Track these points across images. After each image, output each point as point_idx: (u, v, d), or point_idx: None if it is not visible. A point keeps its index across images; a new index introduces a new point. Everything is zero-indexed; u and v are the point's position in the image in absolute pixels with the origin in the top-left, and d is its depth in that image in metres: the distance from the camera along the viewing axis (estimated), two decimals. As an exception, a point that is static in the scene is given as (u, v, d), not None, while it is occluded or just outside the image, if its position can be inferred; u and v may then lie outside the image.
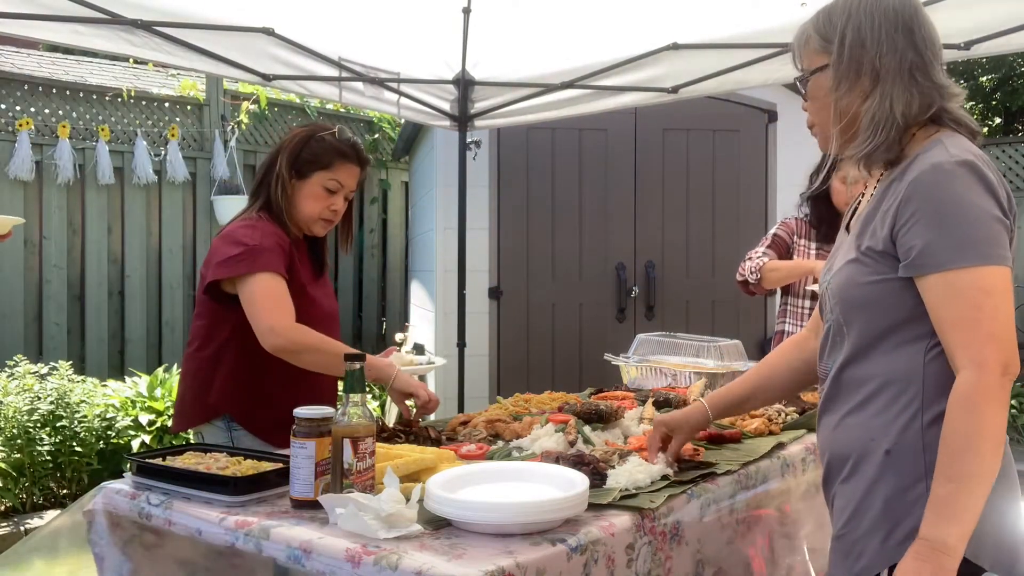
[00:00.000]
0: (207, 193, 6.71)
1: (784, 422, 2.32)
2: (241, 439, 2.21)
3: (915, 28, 1.47)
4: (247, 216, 2.29)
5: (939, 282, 1.36)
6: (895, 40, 1.46)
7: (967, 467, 1.29)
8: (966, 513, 1.29)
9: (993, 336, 1.32)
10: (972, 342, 1.33)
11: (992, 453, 1.30)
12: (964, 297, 1.34)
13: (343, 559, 1.34)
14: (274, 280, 2.15)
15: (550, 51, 3.92)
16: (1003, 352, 1.32)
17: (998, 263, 1.35)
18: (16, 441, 4.52)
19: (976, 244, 1.35)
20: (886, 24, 1.46)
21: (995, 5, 2.98)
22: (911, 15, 1.48)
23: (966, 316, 1.34)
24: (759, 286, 3.29)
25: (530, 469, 1.67)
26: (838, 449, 1.51)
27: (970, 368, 1.32)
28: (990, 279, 1.34)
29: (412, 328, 7.00)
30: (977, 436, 1.29)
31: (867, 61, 1.46)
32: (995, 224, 1.36)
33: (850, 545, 1.46)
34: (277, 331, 2.09)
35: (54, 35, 2.92)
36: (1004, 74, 9.77)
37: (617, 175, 5.61)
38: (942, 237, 1.36)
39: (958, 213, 1.36)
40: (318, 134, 2.31)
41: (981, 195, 1.37)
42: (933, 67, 1.47)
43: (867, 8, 1.48)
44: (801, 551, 2.17)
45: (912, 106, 1.45)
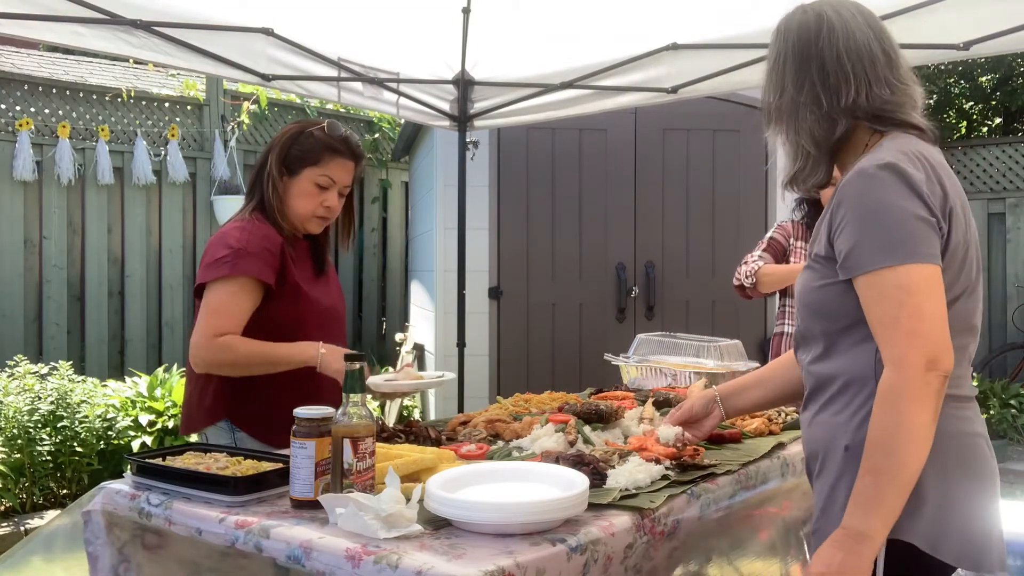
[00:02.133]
0: (207, 193, 6.72)
1: (784, 422, 2.32)
2: (243, 441, 2.21)
3: (812, 58, 1.53)
4: (240, 217, 2.28)
5: (865, 283, 1.41)
6: (789, 80, 1.55)
7: (885, 461, 1.34)
8: (883, 504, 1.33)
9: (914, 333, 1.35)
10: (893, 340, 1.37)
11: (913, 448, 1.33)
12: (886, 296, 1.38)
13: (343, 559, 1.34)
14: (234, 289, 2.13)
15: (550, 51, 3.92)
16: (925, 349, 1.34)
17: (921, 261, 1.38)
18: (16, 441, 4.52)
19: (897, 245, 1.39)
20: (786, 65, 1.56)
21: (995, 5, 2.98)
22: (808, 46, 1.54)
23: (888, 314, 1.38)
24: (755, 290, 3.30)
25: (530, 469, 1.67)
26: (810, 446, 1.58)
27: (891, 365, 1.36)
28: (911, 277, 1.37)
29: (412, 328, 7.00)
30: (895, 432, 1.33)
31: (766, 106, 1.61)
32: (917, 223, 1.40)
33: (822, 539, 1.49)
34: (196, 350, 2.12)
35: (54, 36, 2.92)
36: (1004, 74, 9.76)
37: (617, 175, 5.61)
38: (865, 240, 1.41)
39: (879, 216, 1.41)
40: (307, 130, 2.29)
41: (903, 196, 1.40)
42: (840, 89, 1.51)
43: (773, 53, 1.60)
44: (800, 551, 2.17)
45: (815, 134, 1.54)
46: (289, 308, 2.21)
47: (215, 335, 2.10)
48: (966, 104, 10.56)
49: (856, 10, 1.55)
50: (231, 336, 2.11)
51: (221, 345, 2.10)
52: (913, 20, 3.06)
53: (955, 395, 1.45)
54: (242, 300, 2.14)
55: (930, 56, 3.36)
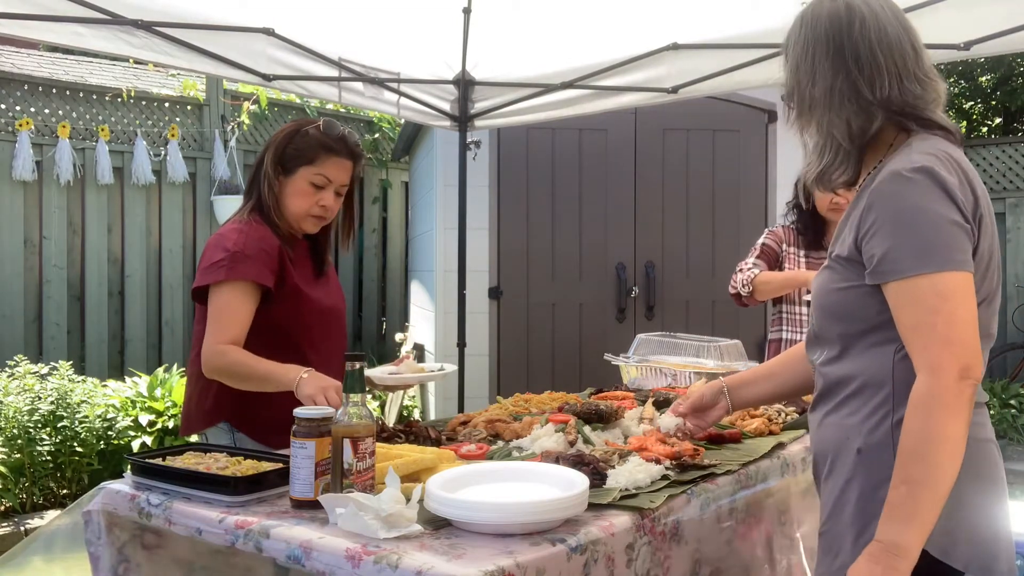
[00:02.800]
0: (207, 193, 6.72)
1: (784, 422, 2.32)
2: (243, 442, 2.20)
3: (845, 48, 1.50)
4: (239, 218, 2.27)
5: (899, 289, 1.39)
6: (823, 68, 1.51)
7: (920, 471, 1.31)
8: (919, 516, 1.30)
9: (949, 341, 1.33)
10: (928, 347, 1.35)
11: (948, 457, 1.31)
12: (922, 303, 1.36)
13: (343, 559, 1.34)
14: (237, 293, 2.12)
15: (550, 51, 3.92)
16: (959, 357, 1.32)
17: (956, 268, 1.36)
18: (16, 441, 4.52)
19: (933, 251, 1.36)
20: (817, 53, 1.52)
21: (995, 5, 2.98)
22: (841, 35, 1.51)
23: (923, 321, 1.36)
24: (752, 298, 3.25)
25: (530, 469, 1.67)
26: (820, 447, 1.57)
27: (925, 373, 1.34)
28: (947, 284, 1.35)
29: (412, 328, 7.00)
30: (930, 441, 1.31)
31: (798, 94, 1.55)
32: (953, 229, 1.38)
33: (830, 541, 1.50)
34: (204, 357, 2.10)
35: (55, 36, 2.92)
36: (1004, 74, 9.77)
37: (617, 175, 5.61)
38: (900, 245, 1.38)
39: (915, 220, 1.38)
40: (303, 128, 2.27)
41: (938, 201, 1.38)
42: (874, 82, 1.48)
43: (802, 40, 1.55)
44: (800, 551, 2.17)
45: (852, 126, 1.50)
46: (289, 310, 2.20)
47: (218, 343, 2.10)
48: (966, 104, 10.56)
49: (885, 3, 1.53)
50: (232, 347, 2.10)
51: (219, 352, 2.09)
52: (913, 20, 3.00)
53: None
54: (244, 305, 2.13)
55: (930, 56, 3.36)
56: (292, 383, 2.01)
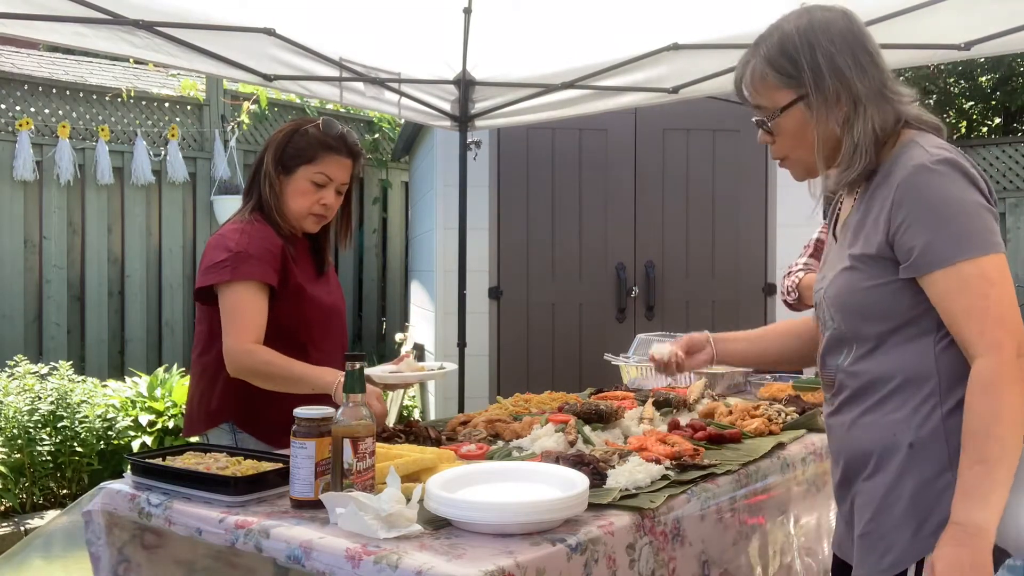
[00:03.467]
0: (207, 193, 6.72)
1: (784, 422, 2.32)
2: (245, 442, 2.20)
3: (869, 45, 1.52)
4: (240, 217, 2.27)
5: (945, 277, 1.40)
6: (862, 62, 1.50)
7: (991, 449, 1.33)
8: (993, 495, 1.32)
9: (1003, 320, 1.37)
10: (985, 329, 1.37)
11: (1013, 433, 1.33)
12: (971, 288, 1.38)
13: (343, 559, 1.34)
14: (248, 292, 2.12)
15: (550, 51, 3.92)
16: (1015, 334, 1.36)
17: (995, 251, 1.40)
18: (16, 441, 4.52)
19: (974, 235, 1.40)
20: (851, 47, 1.51)
21: (995, 5, 2.98)
22: (862, 33, 1.53)
23: (976, 305, 1.38)
24: (801, 303, 3.02)
25: (530, 469, 1.67)
26: (858, 448, 1.53)
27: (987, 354, 1.36)
28: (992, 267, 1.39)
29: (412, 328, 7.00)
30: (999, 418, 1.33)
31: (845, 88, 1.50)
32: (985, 213, 1.42)
33: (876, 540, 1.48)
34: (231, 357, 2.09)
35: (56, 36, 2.92)
36: (1004, 74, 9.77)
37: (617, 175, 5.61)
38: (941, 234, 1.40)
39: (951, 209, 1.41)
40: (303, 127, 2.27)
41: (967, 189, 1.42)
42: (891, 78, 1.52)
43: (828, 36, 1.51)
44: (800, 550, 2.17)
45: (888, 121, 1.51)
46: (292, 309, 2.21)
47: (251, 341, 2.09)
48: (966, 104, 10.56)
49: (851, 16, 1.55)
50: (261, 347, 2.10)
51: (250, 353, 2.09)
52: (913, 20, 3.06)
53: None
54: (257, 303, 2.13)
55: (930, 56, 3.36)
56: (329, 386, 2.01)
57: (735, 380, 3.00)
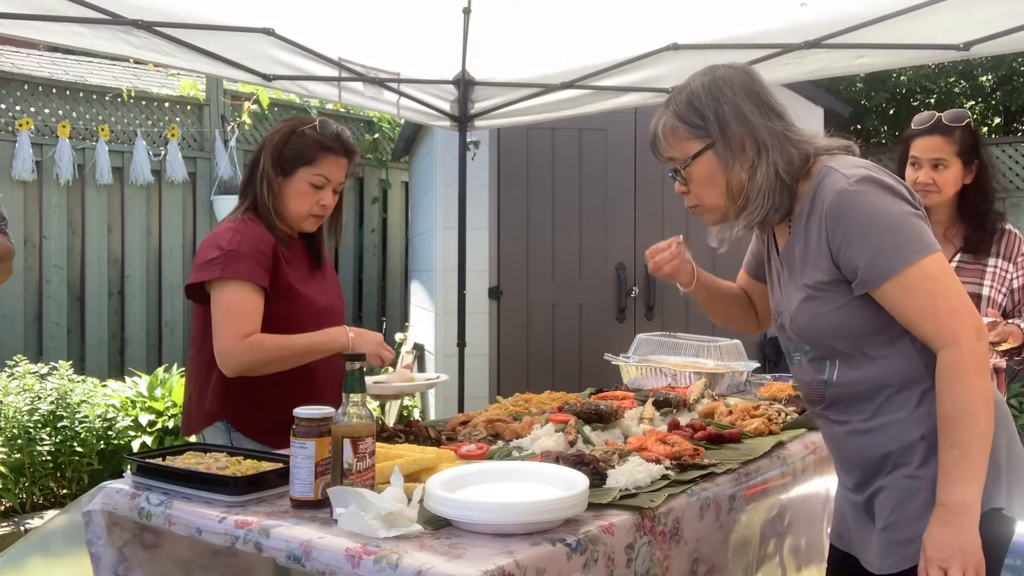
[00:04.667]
0: (207, 193, 6.72)
1: (784, 422, 2.32)
2: (239, 441, 2.20)
3: (768, 97, 1.64)
4: (233, 217, 2.27)
5: (893, 287, 1.50)
6: (762, 111, 1.62)
7: (968, 432, 1.44)
8: (972, 473, 1.43)
9: (955, 312, 1.48)
10: (940, 324, 1.48)
11: (986, 414, 1.44)
12: (918, 290, 1.49)
13: (343, 559, 1.34)
14: (237, 290, 2.12)
15: (550, 51, 3.92)
16: (969, 321, 1.47)
17: (931, 251, 1.50)
18: (16, 441, 4.52)
19: (909, 243, 1.49)
20: (749, 99, 1.62)
21: (995, 5, 2.98)
22: (762, 86, 1.65)
23: (926, 304, 1.48)
24: None
25: (530, 469, 1.67)
26: (872, 451, 1.60)
27: (948, 346, 1.47)
28: (931, 266, 1.49)
29: (412, 328, 7.00)
30: (968, 402, 1.44)
31: (750, 134, 1.60)
32: (914, 219, 1.52)
33: (900, 532, 1.55)
34: (228, 354, 2.09)
35: (54, 36, 2.92)
36: (1004, 74, 9.76)
37: (617, 175, 5.61)
38: (879, 249, 1.50)
39: (882, 223, 1.51)
40: (299, 128, 2.26)
41: (892, 201, 1.52)
42: (793, 125, 1.63)
43: (731, 88, 1.63)
44: (800, 550, 2.17)
45: (793, 162, 1.60)
46: (283, 309, 2.20)
47: (242, 336, 2.09)
48: (966, 104, 10.55)
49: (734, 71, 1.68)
50: (258, 335, 2.11)
51: (251, 345, 2.09)
52: (913, 20, 3.06)
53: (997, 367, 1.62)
54: (251, 298, 2.14)
55: (930, 56, 3.36)
56: (344, 347, 2.10)
57: (735, 380, 3.00)
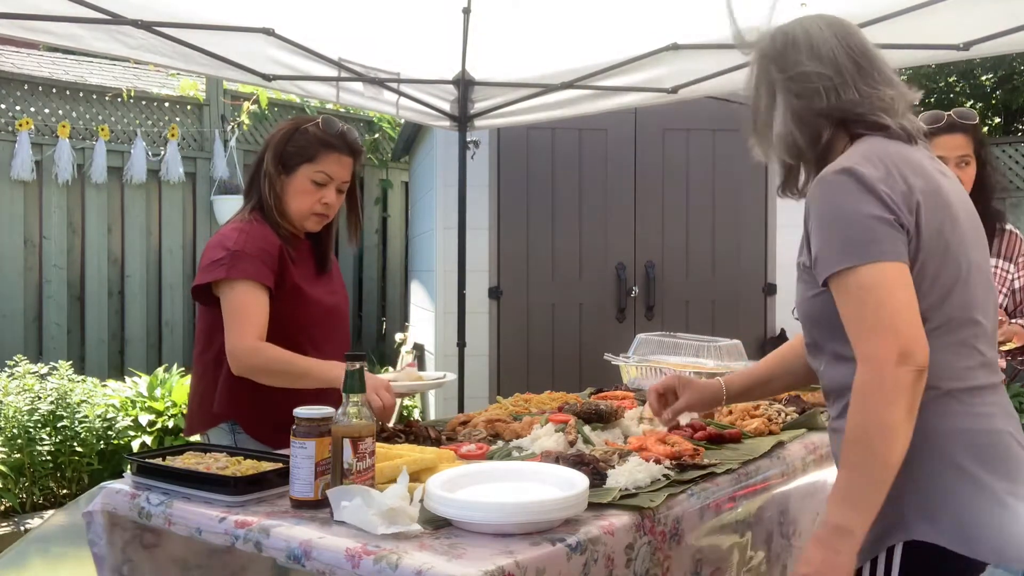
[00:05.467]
0: (207, 193, 6.72)
1: (784, 422, 2.32)
2: (244, 442, 2.20)
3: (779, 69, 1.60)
4: (239, 218, 2.27)
5: (833, 286, 1.44)
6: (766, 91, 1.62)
7: (861, 457, 1.36)
8: (862, 500, 1.35)
9: (878, 329, 1.37)
10: (860, 338, 1.39)
11: (888, 443, 1.34)
12: (850, 296, 1.41)
13: (343, 559, 1.34)
14: (245, 291, 2.12)
15: (550, 51, 3.92)
16: (891, 343, 1.35)
17: (876, 259, 1.39)
18: (16, 441, 4.52)
19: (853, 246, 1.41)
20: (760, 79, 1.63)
21: (995, 5, 2.98)
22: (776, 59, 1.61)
23: (854, 314, 1.41)
24: None
25: (530, 469, 1.67)
26: (835, 452, 1.57)
27: (861, 363, 1.38)
28: (869, 276, 1.39)
29: (412, 328, 7.00)
30: (868, 428, 1.35)
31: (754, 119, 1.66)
32: (871, 223, 1.41)
33: None
34: (236, 356, 2.09)
35: (51, 37, 2.91)
36: (1004, 73, 9.76)
37: (617, 175, 5.61)
38: (826, 244, 1.45)
39: (834, 219, 1.45)
40: (302, 126, 2.26)
41: (858, 198, 1.42)
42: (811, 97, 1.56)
43: (751, 71, 1.66)
44: (800, 550, 2.17)
45: (799, 138, 1.58)
46: (289, 310, 2.20)
47: (247, 340, 2.09)
48: (966, 103, 10.55)
49: (824, 24, 1.60)
50: (266, 344, 2.10)
51: (256, 350, 2.09)
52: (913, 20, 3.06)
53: (964, 388, 1.44)
54: (258, 300, 2.13)
55: (930, 56, 3.36)
56: (336, 381, 1.97)
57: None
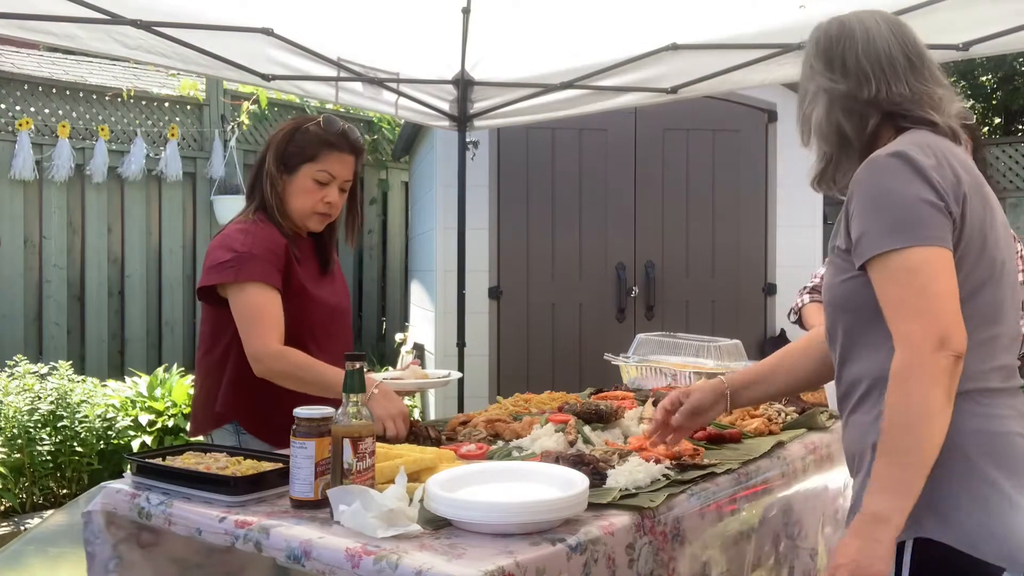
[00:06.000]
0: (207, 193, 6.72)
1: (784, 422, 2.32)
2: (249, 443, 2.19)
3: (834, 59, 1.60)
4: (243, 218, 2.26)
5: (874, 267, 1.43)
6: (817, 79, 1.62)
7: (900, 442, 1.35)
8: (900, 486, 1.34)
9: (920, 312, 1.37)
10: (901, 320, 1.39)
11: (928, 427, 1.34)
12: (893, 279, 1.41)
13: (343, 559, 1.34)
14: (259, 293, 2.12)
15: (550, 51, 3.92)
16: (933, 328, 1.35)
17: (925, 244, 1.40)
18: (16, 441, 4.52)
19: (902, 227, 1.41)
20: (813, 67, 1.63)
21: (995, 5, 2.98)
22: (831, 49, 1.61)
23: (895, 296, 1.40)
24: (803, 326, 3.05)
25: (530, 469, 1.67)
26: (848, 447, 1.59)
27: (900, 347, 1.38)
28: (916, 258, 1.39)
29: (412, 328, 7.00)
30: (908, 412, 1.35)
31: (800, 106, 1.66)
32: (923, 207, 1.41)
33: None
34: (261, 359, 2.08)
35: (49, 37, 2.91)
36: (1005, 73, 9.76)
37: (617, 175, 5.61)
38: (873, 224, 1.44)
39: (884, 200, 1.44)
40: (303, 126, 2.26)
41: (909, 181, 1.43)
42: (861, 87, 1.57)
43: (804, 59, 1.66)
44: (801, 550, 2.17)
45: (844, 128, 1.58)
46: (294, 310, 2.20)
47: (271, 344, 2.08)
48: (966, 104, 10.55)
49: (881, 19, 1.62)
50: (291, 350, 2.09)
51: (280, 354, 2.08)
52: (913, 20, 3.03)
53: (980, 389, 1.44)
54: (274, 301, 2.13)
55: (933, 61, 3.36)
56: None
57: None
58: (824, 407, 2.49)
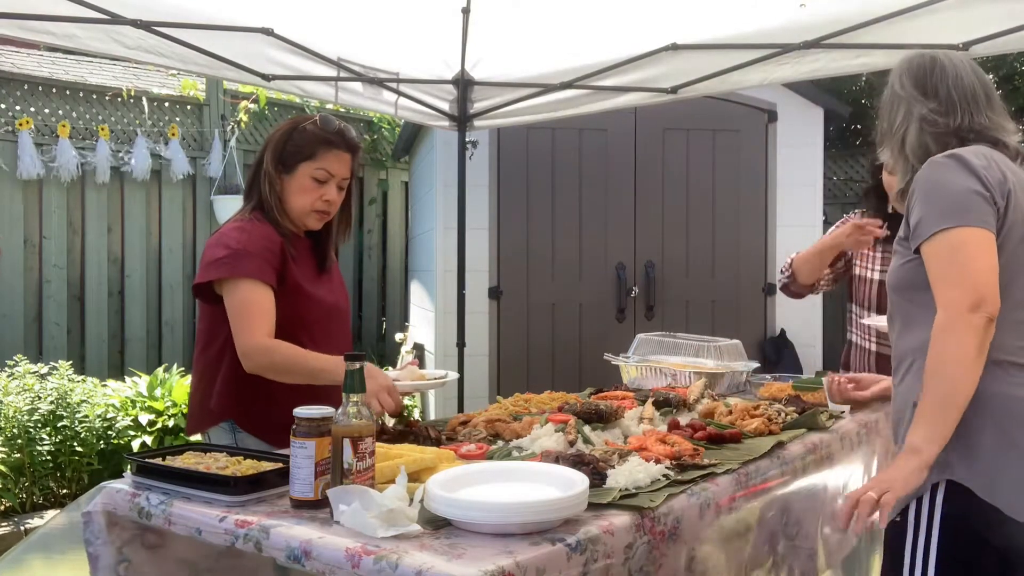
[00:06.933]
0: (207, 193, 6.72)
1: (784, 422, 2.32)
2: (245, 441, 2.20)
3: (927, 87, 1.83)
4: (240, 217, 2.27)
5: (928, 247, 1.68)
6: (909, 103, 1.84)
7: (936, 386, 1.61)
8: (933, 423, 1.60)
9: (960, 280, 1.61)
10: (943, 288, 1.64)
11: (960, 375, 1.58)
12: (940, 255, 1.65)
13: (343, 559, 1.34)
14: (252, 289, 2.12)
15: (550, 51, 3.92)
16: (969, 292, 1.59)
17: (971, 224, 1.64)
18: (16, 441, 4.52)
19: (950, 211, 1.66)
20: (906, 90, 1.85)
21: (995, 5, 2.98)
22: (924, 78, 1.84)
23: (942, 270, 1.65)
24: (797, 284, 3.06)
25: (530, 469, 1.67)
26: (894, 415, 1.86)
27: (940, 309, 1.63)
28: (964, 237, 1.64)
29: (412, 328, 7.00)
30: (944, 361, 1.60)
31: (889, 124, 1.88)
32: (970, 195, 1.66)
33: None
34: (248, 355, 2.09)
35: (48, 37, 2.91)
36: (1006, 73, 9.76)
37: (617, 175, 5.61)
38: (927, 211, 1.69)
39: (939, 191, 1.69)
40: (301, 125, 2.27)
41: (960, 175, 1.68)
42: (948, 114, 1.80)
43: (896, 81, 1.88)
44: (800, 550, 2.17)
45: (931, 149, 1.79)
46: (290, 308, 2.20)
47: (258, 338, 2.09)
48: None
49: (966, 59, 1.88)
50: (279, 342, 2.10)
51: (268, 349, 2.09)
52: (913, 20, 3.06)
53: (1011, 362, 1.68)
54: (265, 297, 2.14)
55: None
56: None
57: (735, 380, 3.00)
58: (824, 407, 2.49)
